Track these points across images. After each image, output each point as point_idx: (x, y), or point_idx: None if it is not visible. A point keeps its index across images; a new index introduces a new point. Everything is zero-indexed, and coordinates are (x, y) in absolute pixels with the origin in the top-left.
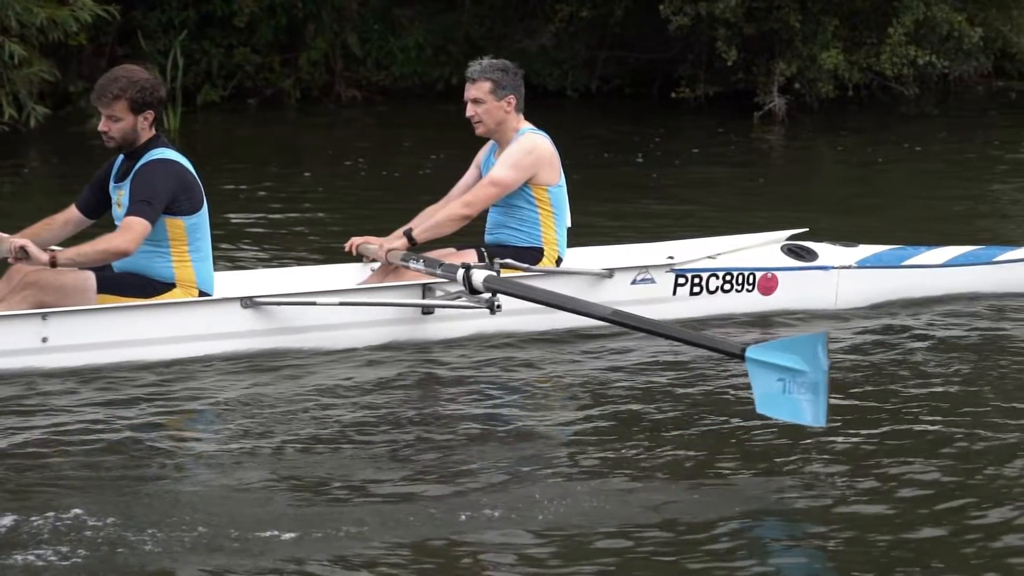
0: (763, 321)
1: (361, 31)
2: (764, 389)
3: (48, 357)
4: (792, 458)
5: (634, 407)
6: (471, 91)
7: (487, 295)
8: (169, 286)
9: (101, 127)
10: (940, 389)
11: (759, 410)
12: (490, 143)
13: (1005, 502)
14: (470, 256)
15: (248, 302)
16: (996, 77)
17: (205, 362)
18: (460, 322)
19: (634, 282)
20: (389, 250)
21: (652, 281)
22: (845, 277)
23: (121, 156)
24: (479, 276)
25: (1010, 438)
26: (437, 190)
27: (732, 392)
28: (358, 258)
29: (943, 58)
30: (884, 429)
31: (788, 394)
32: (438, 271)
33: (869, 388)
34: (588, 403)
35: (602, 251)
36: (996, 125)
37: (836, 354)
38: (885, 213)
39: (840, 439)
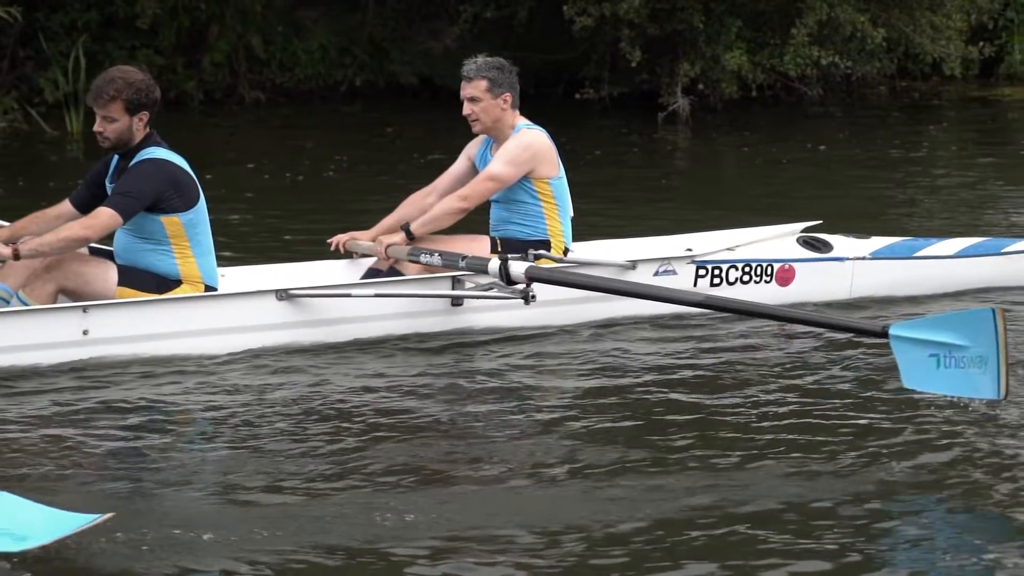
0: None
1: (264, 33)
2: (913, 365)
3: (89, 349)
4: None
5: (671, 397)
6: (467, 89)
7: (521, 286)
8: (176, 282)
9: (96, 128)
10: None
11: (907, 385)
12: (482, 136)
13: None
14: (483, 246)
15: (283, 294)
16: (900, 78)
17: (241, 354)
18: (491, 313)
19: (656, 273)
20: (389, 245)
21: (674, 272)
22: (860, 268)
23: (117, 156)
24: (518, 267)
25: None
26: (340, 192)
27: (767, 381)
28: (346, 255)
29: (846, 59)
30: (914, 416)
31: (946, 368)
32: (462, 264)
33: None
34: (621, 394)
35: (619, 244)
36: (899, 125)
37: (855, 341)
38: (788, 212)
39: (872, 427)
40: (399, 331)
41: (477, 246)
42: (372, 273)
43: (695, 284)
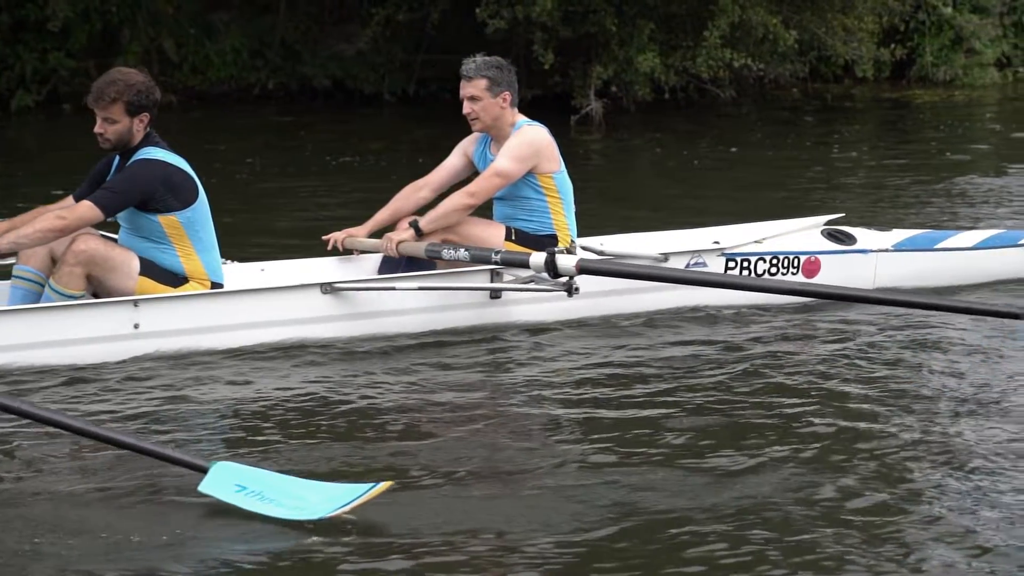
0: (808, 303)
1: (177, 36)
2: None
3: (140, 343)
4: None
5: (715, 389)
6: (467, 89)
7: (565, 278)
8: (184, 279)
9: (97, 129)
10: (984, 369)
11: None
12: (477, 134)
13: None
14: (500, 232)
15: (328, 288)
16: (812, 80)
17: (287, 346)
18: (529, 305)
19: (687, 266)
20: (400, 242)
21: (704, 265)
22: (883, 260)
23: (118, 155)
24: (568, 261)
25: None
26: (252, 195)
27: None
28: (345, 252)
29: (759, 61)
30: (942, 407)
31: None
32: (496, 257)
33: (919, 367)
34: (666, 387)
35: (645, 237)
36: (811, 126)
37: (877, 333)
38: (701, 213)
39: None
40: (439, 324)
41: (493, 231)
42: (388, 265)
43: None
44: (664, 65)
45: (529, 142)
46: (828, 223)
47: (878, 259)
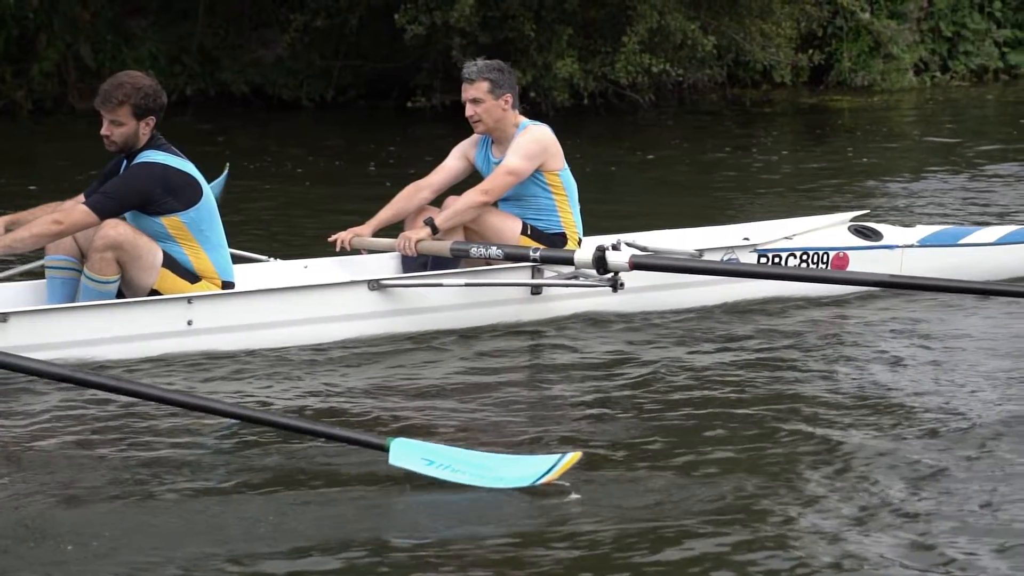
0: (837, 297)
1: (94, 42)
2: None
3: (193, 339)
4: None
5: (774, 384)
6: (470, 91)
7: (610, 274)
8: (197, 277)
9: (104, 131)
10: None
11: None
12: (476, 136)
13: None
14: (516, 224)
15: (375, 284)
16: (730, 85)
17: (337, 341)
18: (572, 300)
19: (721, 262)
20: (418, 241)
21: (737, 261)
22: (908, 255)
23: (125, 159)
24: (620, 257)
25: None
26: None
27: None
28: (353, 252)
29: (677, 66)
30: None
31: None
32: (535, 255)
33: (942, 361)
34: (710, 385)
35: (676, 234)
36: (730, 131)
37: (900, 327)
38: (616, 217)
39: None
40: (482, 319)
41: (510, 224)
42: (408, 264)
43: None
44: (583, 71)
45: (538, 140)
46: (854, 219)
47: (904, 254)
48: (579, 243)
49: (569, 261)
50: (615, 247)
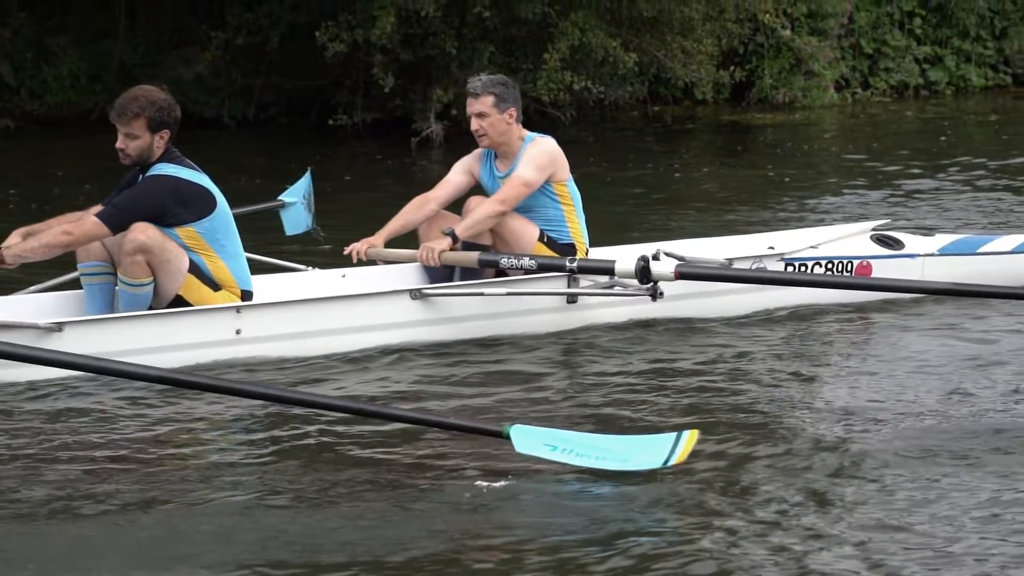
0: (861, 304)
1: (14, 59)
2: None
3: (241, 348)
4: None
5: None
6: (475, 106)
7: (650, 284)
8: (218, 286)
9: (119, 144)
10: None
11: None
12: (480, 150)
13: None
14: (534, 233)
15: (417, 294)
16: (652, 102)
17: (379, 349)
18: (607, 309)
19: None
20: (442, 251)
21: (765, 269)
22: (929, 263)
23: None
24: (665, 266)
25: None
26: None
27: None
28: (369, 263)
29: (599, 83)
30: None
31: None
32: (571, 265)
33: (963, 369)
34: (758, 387)
35: (702, 243)
36: (651, 148)
37: (924, 335)
38: None
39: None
40: (519, 328)
41: (529, 229)
42: (432, 274)
43: None
44: None
45: (547, 151)
46: (875, 228)
47: (924, 263)
48: (587, 252)
49: (609, 271)
50: (655, 257)
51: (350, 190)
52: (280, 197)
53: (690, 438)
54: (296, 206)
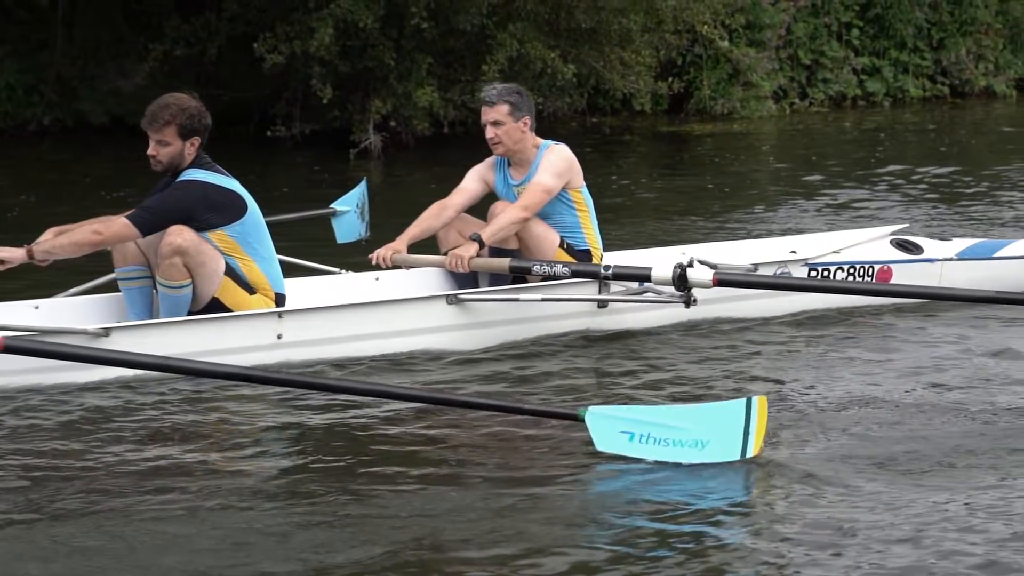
0: (881, 307)
1: None
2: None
3: (282, 352)
4: None
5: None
6: (490, 114)
7: (684, 291)
8: (253, 289)
9: (150, 151)
10: None
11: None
12: (493, 158)
13: None
14: (555, 238)
15: (453, 299)
16: (590, 113)
17: (417, 353)
18: (637, 313)
19: (775, 275)
20: (471, 258)
21: (789, 274)
22: (948, 268)
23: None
24: (703, 274)
25: None
26: (27, 231)
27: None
28: (394, 267)
29: (537, 94)
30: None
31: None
32: (606, 272)
33: (980, 371)
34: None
35: (726, 247)
36: (589, 159)
37: (941, 339)
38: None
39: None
40: (551, 331)
41: (551, 235)
42: (459, 280)
43: None
44: (443, 99)
45: (565, 157)
46: (895, 233)
47: (943, 267)
48: (601, 258)
49: (645, 278)
50: (690, 264)
51: (288, 201)
52: (332, 205)
53: (761, 405)
54: (349, 214)
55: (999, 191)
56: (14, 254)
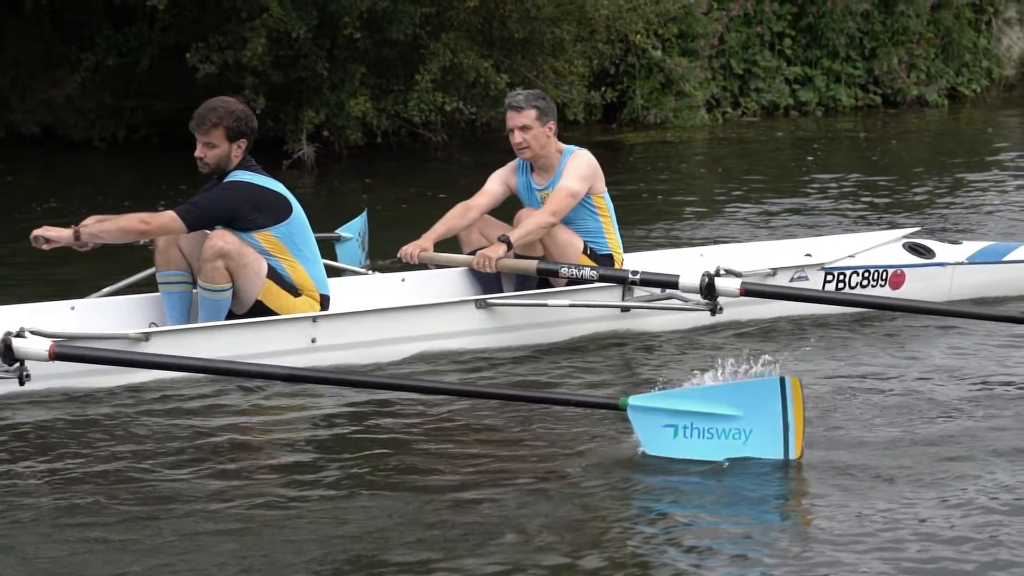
0: (892, 313)
1: None
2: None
3: (316, 356)
4: None
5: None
6: (518, 119)
7: (711, 299)
8: (298, 291)
9: (198, 153)
10: None
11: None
12: (515, 162)
13: None
14: (579, 243)
15: (482, 304)
16: None
17: (447, 356)
18: (659, 317)
19: (792, 280)
20: (499, 259)
21: (806, 279)
22: (959, 272)
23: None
24: (731, 283)
25: None
26: None
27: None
28: (421, 266)
29: (470, 104)
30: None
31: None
32: (634, 277)
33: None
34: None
35: (741, 248)
36: None
37: (953, 343)
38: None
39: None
40: (578, 333)
41: (575, 240)
42: (483, 280)
43: (822, 288)
44: (376, 109)
45: (589, 163)
46: (907, 236)
47: (954, 271)
48: (622, 263)
49: (673, 285)
50: (717, 273)
51: None
52: (338, 231)
53: (795, 389)
54: (352, 242)
55: (942, 197)
56: (62, 234)
